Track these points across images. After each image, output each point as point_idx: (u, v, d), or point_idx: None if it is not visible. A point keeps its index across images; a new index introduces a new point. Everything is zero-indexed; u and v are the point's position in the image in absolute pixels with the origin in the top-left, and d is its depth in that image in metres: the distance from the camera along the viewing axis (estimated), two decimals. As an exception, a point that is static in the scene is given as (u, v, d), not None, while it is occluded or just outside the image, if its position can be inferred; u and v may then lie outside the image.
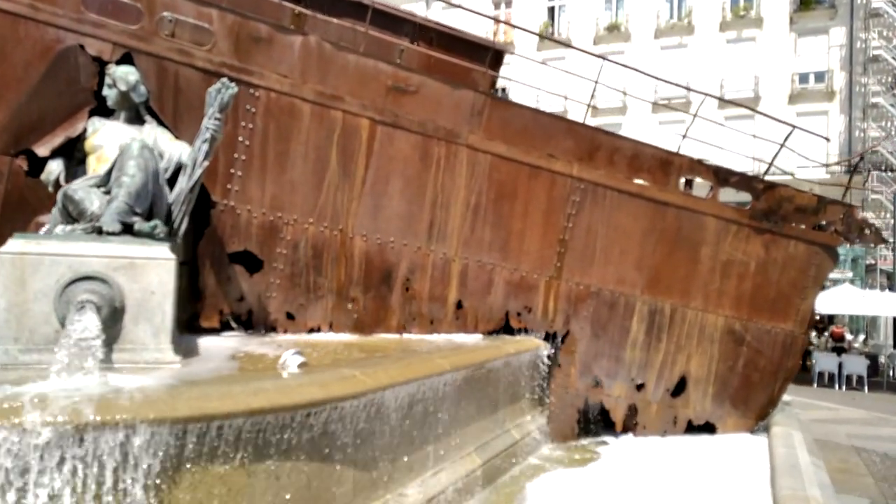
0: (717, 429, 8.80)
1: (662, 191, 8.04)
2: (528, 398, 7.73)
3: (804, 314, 8.85)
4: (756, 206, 8.42)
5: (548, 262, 7.84)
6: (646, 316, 8.29)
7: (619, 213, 7.97)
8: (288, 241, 6.87)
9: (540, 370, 7.91)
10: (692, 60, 36.09)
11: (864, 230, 8.84)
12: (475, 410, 6.30)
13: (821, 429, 11.00)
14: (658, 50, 36.95)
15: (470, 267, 7.56)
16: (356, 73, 6.84)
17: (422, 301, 7.42)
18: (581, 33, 38.22)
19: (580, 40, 38.20)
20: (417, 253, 7.34)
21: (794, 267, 8.69)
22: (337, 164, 6.89)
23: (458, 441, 5.93)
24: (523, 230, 7.68)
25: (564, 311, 7.99)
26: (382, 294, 7.27)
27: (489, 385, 6.62)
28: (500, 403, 6.96)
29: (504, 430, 6.99)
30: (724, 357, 8.66)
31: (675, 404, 8.63)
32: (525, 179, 7.57)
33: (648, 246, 8.14)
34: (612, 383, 8.33)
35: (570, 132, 7.66)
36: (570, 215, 7.80)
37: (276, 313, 6.94)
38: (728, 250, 8.42)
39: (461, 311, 7.61)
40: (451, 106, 7.19)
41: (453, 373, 5.59)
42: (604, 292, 8.09)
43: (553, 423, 8.07)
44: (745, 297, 8.61)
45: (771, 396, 8.95)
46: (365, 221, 7.10)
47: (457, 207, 7.40)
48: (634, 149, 7.89)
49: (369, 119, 6.91)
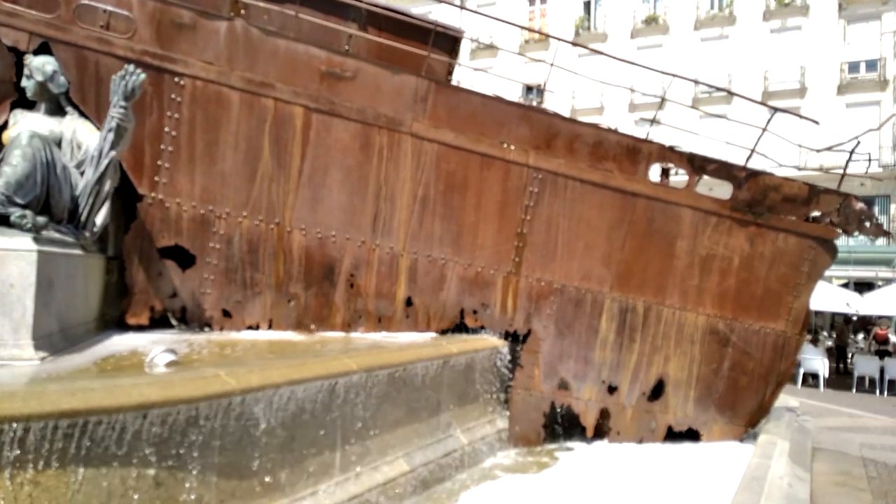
0: (702, 436, 8.21)
1: (630, 180, 7.51)
2: (484, 400, 7.31)
3: (797, 313, 8.18)
4: (738, 196, 7.81)
5: (505, 256, 7.40)
6: (616, 314, 7.76)
7: (583, 205, 7.48)
8: (221, 235, 6.62)
9: (499, 371, 7.48)
10: (734, 52, 34.84)
11: (863, 222, 8.12)
12: (404, 414, 5.92)
13: (832, 437, 10.20)
14: (698, 42, 35.79)
15: (420, 262, 7.18)
16: (287, 58, 6.54)
17: (368, 298, 7.08)
18: (618, 27, 37.32)
19: (617, 34, 37.34)
20: (362, 247, 7.00)
21: (785, 262, 8.03)
22: (270, 155, 6.61)
23: (379, 446, 5.57)
24: (476, 223, 7.26)
25: (525, 308, 7.54)
26: (325, 290, 6.96)
27: (426, 387, 6.24)
28: (444, 406, 6.56)
29: (448, 435, 6.60)
30: (707, 359, 8.07)
31: (653, 409, 8.07)
32: (477, 169, 7.15)
33: (617, 240, 7.62)
34: (581, 386, 7.83)
35: (524, 118, 7.21)
36: (527, 207, 7.35)
37: (211, 310, 6.69)
38: (707, 244, 7.83)
39: (411, 308, 7.24)
40: (393, 92, 6.83)
41: (362, 374, 5.22)
42: (568, 289, 7.60)
43: (515, 427, 7.62)
44: (728, 295, 8.00)
45: (762, 402, 8.31)
46: (303, 214, 6.80)
47: (403, 199, 7.03)
48: (597, 135, 7.38)
49: (303, 107, 6.61)
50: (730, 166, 7.74)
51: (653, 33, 36.56)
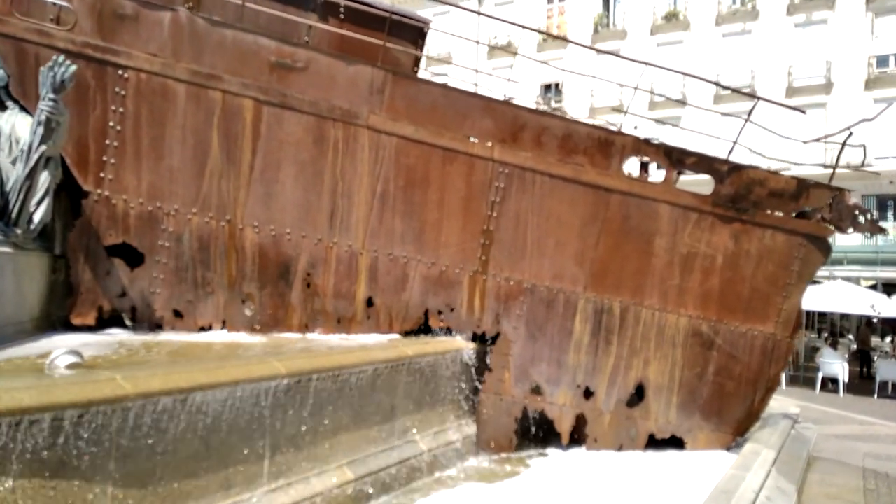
0: (686, 444, 7.80)
1: (603, 175, 7.14)
2: (450, 405, 7.00)
3: (788, 315, 7.73)
4: (720, 191, 7.39)
5: (471, 255, 7.08)
6: (591, 315, 7.39)
7: (552, 201, 7.13)
8: (170, 232, 6.41)
9: (466, 374, 7.16)
10: (757, 48, 34.00)
11: (857, 218, 7.65)
12: (350, 419, 5.64)
13: (836, 446, 9.71)
14: (719, 38, 35.00)
15: (380, 260, 6.90)
16: (234, 49, 6.31)
17: (326, 298, 6.81)
18: (637, 23, 36.67)
19: (637, 31, 36.70)
20: (318, 245, 6.74)
21: (773, 261, 7.59)
22: (219, 150, 6.38)
23: (318, 453, 5.30)
24: (440, 220, 6.96)
25: (493, 309, 7.21)
26: (281, 290, 6.71)
27: (377, 391, 5.95)
28: (400, 411, 6.26)
29: (405, 441, 6.30)
30: (691, 363, 7.66)
31: (633, 415, 7.68)
32: (438, 164, 6.85)
33: (590, 237, 7.26)
34: (555, 390, 7.47)
35: (487, 111, 6.88)
36: (493, 203, 7.02)
37: (162, 310, 6.48)
38: (688, 242, 7.42)
39: (372, 309, 6.95)
40: (347, 83, 6.56)
41: (293, 378, 4.95)
42: (539, 289, 7.25)
43: (485, 433, 7.29)
44: (712, 295, 7.59)
45: (750, 408, 7.87)
46: (256, 211, 6.56)
47: (361, 195, 6.75)
48: (566, 128, 7.03)
49: (253, 99, 6.37)
50: (710, 159, 7.33)
51: (673, 29, 35.86)
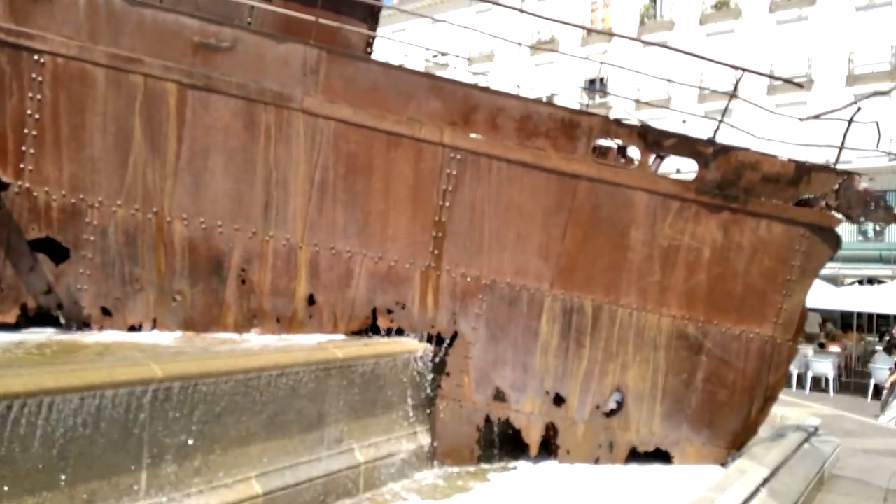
0: (674, 458, 7.03)
1: (568, 160, 6.45)
2: (398, 412, 6.43)
3: (789, 315, 6.89)
4: (705, 177, 6.60)
5: (422, 248, 6.50)
6: (559, 315, 6.71)
7: (512, 189, 6.48)
8: (95, 226, 6.05)
9: (419, 379, 6.58)
10: (814, 34, 32.25)
11: (869, 205, 6.74)
12: (261, 428, 5.15)
13: (862, 462, 8.68)
14: (773, 26, 33.37)
15: (322, 255, 6.39)
16: (155, 30, 5.90)
17: (263, 295, 6.34)
18: (686, 13, 35.32)
19: (685, 21, 35.36)
20: (253, 239, 6.28)
21: (769, 254, 6.76)
22: (142, 137, 5.99)
23: (217, 465, 4.82)
24: (386, 211, 6.40)
25: (449, 307, 6.61)
26: (214, 287, 6.28)
27: (299, 397, 5.45)
28: (330, 419, 5.73)
29: (337, 452, 5.76)
30: (676, 368, 6.89)
31: (611, 425, 6.96)
32: (382, 150, 6.29)
33: (555, 229, 6.58)
34: (521, 397, 6.82)
35: (434, 91, 6.28)
36: (445, 192, 6.42)
37: (89, 308, 6.13)
38: (669, 233, 6.66)
39: (314, 307, 6.45)
40: (278, 63, 6.07)
41: (177, 382, 4.48)
42: (499, 286, 6.61)
43: (443, 444, 6.69)
44: (699, 293, 6.80)
45: (747, 420, 7.05)
46: (184, 203, 6.14)
47: (297, 185, 6.26)
48: (524, 108, 6.37)
49: (176, 83, 5.95)
50: (693, 141, 6.55)
51: (723, 18, 34.42)
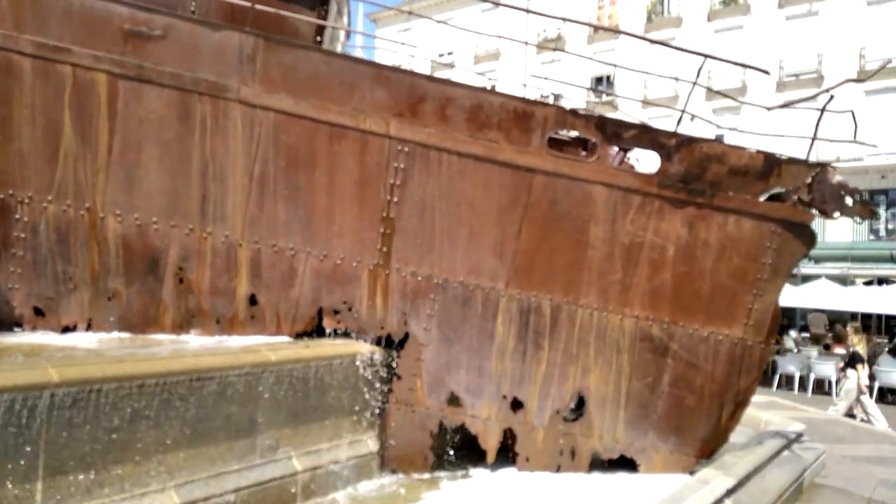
0: (640, 466, 6.69)
1: (522, 153, 6.13)
2: (344, 418, 6.13)
3: (760, 316, 6.53)
4: (668, 170, 6.26)
5: (369, 246, 6.21)
6: (515, 315, 6.39)
7: (463, 184, 6.17)
8: (25, 222, 5.81)
9: (368, 382, 6.28)
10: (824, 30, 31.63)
11: (844, 199, 6.37)
12: (181, 434, 4.88)
13: (848, 470, 8.27)
14: (782, 21, 32.78)
15: (263, 253, 6.11)
16: (83, 17, 5.66)
17: (202, 295, 6.08)
18: (693, 9, 34.81)
19: (692, 17, 34.84)
20: (190, 236, 6.01)
21: (738, 252, 6.41)
22: (72, 130, 5.74)
23: (129, 474, 4.56)
24: (331, 206, 6.12)
25: (399, 308, 6.31)
26: (150, 286, 6.02)
27: (227, 402, 5.17)
28: (264, 425, 5.45)
29: (272, 460, 5.48)
30: (640, 371, 6.55)
31: (573, 431, 6.63)
32: (325, 142, 6.01)
33: (510, 226, 6.26)
34: (477, 401, 6.51)
35: (379, 80, 5.98)
36: (393, 186, 6.13)
37: (21, 308, 5.89)
38: (631, 230, 6.32)
39: (256, 307, 6.18)
40: (213, 52, 5.81)
41: (74, 388, 4.22)
42: (452, 285, 6.31)
43: (393, 451, 6.40)
44: (663, 293, 6.46)
45: (716, 426, 6.69)
46: (117, 198, 5.89)
47: (236, 179, 5.99)
48: (475, 98, 6.05)
49: (107, 73, 5.70)
50: (654, 132, 6.21)
51: (732, 14, 33.87)
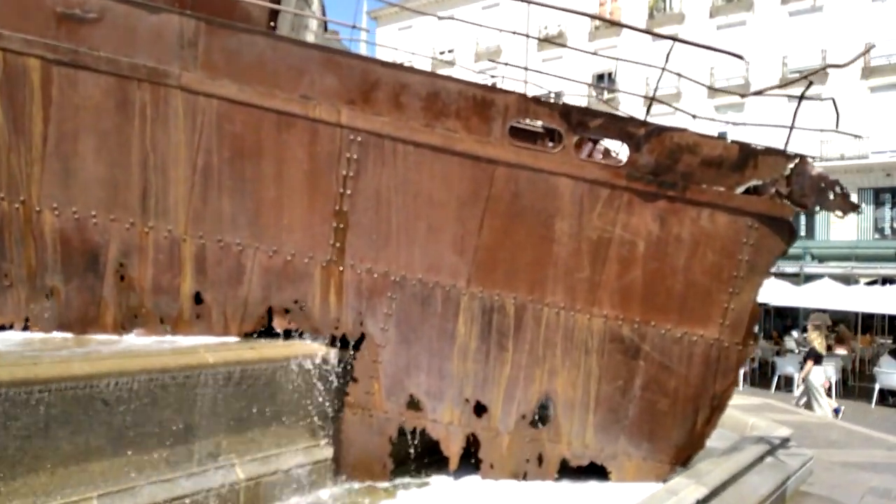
0: (611, 474, 6.35)
1: (483, 143, 5.80)
2: (295, 423, 5.82)
3: (737, 316, 6.17)
4: (637, 161, 5.92)
5: (321, 241, 5.89)
6: (477, 315, 6.07)
7: (421, 176, 5.85)
8: (-43, 217, 5.54)
9: (321, 385, 5.97)
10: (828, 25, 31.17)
11: (824, 192, 6.02)
12: (108, 441, 4.57)
13: (838, 478, 7.89)
14: (786, 17, 32.34)
15: (209, 248, 5.81)
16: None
17: (144, 293, 5.78)
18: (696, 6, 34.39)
19: (695, 14, 34.43)
20: (131, 230, 5.71)
21: (713, 248, 6.06)
22: (4, 119, 5.45)
23: (45, 483, 4.27)
24: (279, 199, 5.80)
25: (354, 307, 5.99)
26: (90, 283, 5.72)
27: (161, 407, 4.87)
28: (204, 431, 5.15)
29: (212, 468, 5.17)
30: (610, 374, 6.21)
31: (540, 437, 6.30)
32: (272, 131, 5.69)
33: (471, 220, 5.93)
34: (438, 405, 6.18)
35: (329, 65, 5.66)
36: (346, 178, 5.81)
37: (-45, 307, 5.63)
38: (599, 225, 5.98)
39: (202, 306, 5.87)
40: (151, 35, 5.50)
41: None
42: (410, 282, 5.99)
43: (350, 457, 6.08)
44: (634, 291, 6.12)
45: (691, 432, 6.34)
46: (54, 191, 5.59)
47: (179, 171, 5.68)
48: (431, 85, 5.72)
49: (40, 58, 5.41)
50: (622, 121, 5.87)
51: (735, 11, 33.47)
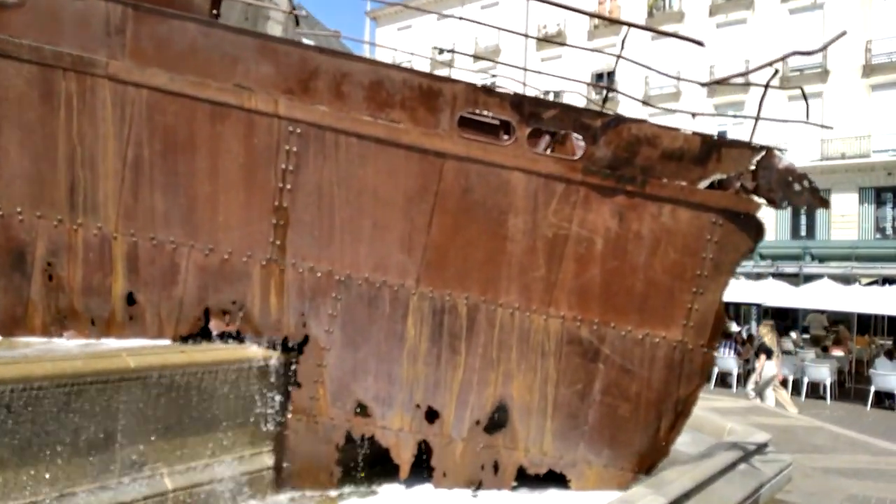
0: (571, 482, 6.05)
1: (430, 135, 5.50)
2: (233, 430, 5.53)
3: (701, 317, 5.87)
4: (594, 154, 5.61)
5: (261, 239, 5.61)
6: (428, 316, 5.77)
7: (365, 170, 5.56)
8: None
9: (262, 391, 5.69)
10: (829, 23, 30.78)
11: (792, 186, 5.70)
12: (10, 452, 4.29)
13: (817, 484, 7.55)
14: (786, 15, 31.97)
15: (141, 247, 5.53)
16: (-73, -15, 5.13)
17: (74, 294, 5.51)
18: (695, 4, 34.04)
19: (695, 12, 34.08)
20: (59, 228, 5.45)
21: (675, 245, 5.76)
22: (-78, 111, 5.21)
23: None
24: (215, 195, 5.52)
25: (297, 308, 5.71)
26: (16, 284, 5.45)
27: (75, 413, 4.59)
28: (127, 439, 4.87)
29: (136, 477, 4.90)
30: (568, 378, 5.91)
31: (495, 444, 6.00)
32: (206, 123, 5.42)
33: (420, 217, 5.64)
34: (388, 411, 5.89)
35: (265, 53, 5.38)
36: (285, 172, 5.52)
37: None
38: (554, 221, 5.69)
39: (136, 307, 5.60)
40: (77, 22, 5.24)
41: None
42: (355, 282, 5.70)
43: (294, 465, 5.79)
44: (592, 291, 5.82)
45: (654, 438, 6.04)
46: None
47: (108, 165, 5.41)
48: (374, 73, 5.43)
49: None
50: (577, 112, 5.57)
51: (735, 9, 33.10)
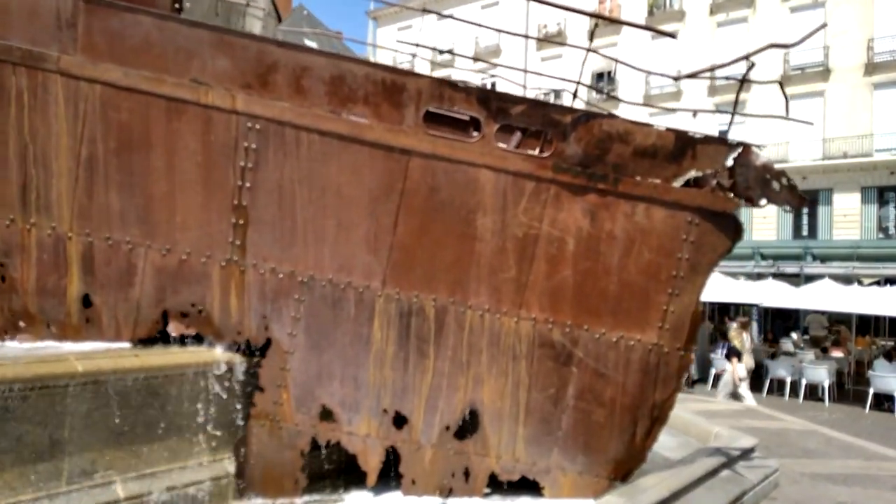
0: (545, 490, 5.86)
1: (395, 131, 5.32)
2: (190, 436, 5.36)
3: (678, 319, 5.68)
4: (564, 151, 5.42)
5: (220, 238, 5.44)
6: (394, 318, 5.60)
7: (328, 168, 5.39)
8: None
9: (222, 396, 5.51)
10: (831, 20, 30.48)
11: (769, 183, 5.51)
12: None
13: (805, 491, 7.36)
14: (787, 14, 31.73)
15: (96, 247, 5.37)
16: None
17: (27, 296, 5.36)
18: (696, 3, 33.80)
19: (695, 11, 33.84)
20: (11, 228, 5.29)
21: (649, 246, 5.57)
22: None
23: None
24: (171, 194, 5.36)
25: (258, 310, 5.54)
26: (-32, 286, 5.32)
27: (16, 420, 4.42)
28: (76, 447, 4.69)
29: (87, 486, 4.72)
30: (541, 382, 5.73)
31: (466, 450, 5.82)
32: (162, 119, 5.25)
33: (385, 216, 5.46)
34: (354, 416, 5.71)
35: (221, 46, 5.21)
36: (244, 170, 5.35)
37: None
38: (524, 220, 5.50)
39: (92, 310, 5.43)
40: (25, 15, 5.09)
41: None
42: (319, 283, 5.52)
43: (257, 472, 5.62)
44: (564, 292, 5.63)
45: (630, 444, 5.85)
46: None
47: (61, 163, 5.25)
48: (336, 67, 5.25)
49: None
50: (546, 107, 5.39)
51: (736, 8, 32.86)
